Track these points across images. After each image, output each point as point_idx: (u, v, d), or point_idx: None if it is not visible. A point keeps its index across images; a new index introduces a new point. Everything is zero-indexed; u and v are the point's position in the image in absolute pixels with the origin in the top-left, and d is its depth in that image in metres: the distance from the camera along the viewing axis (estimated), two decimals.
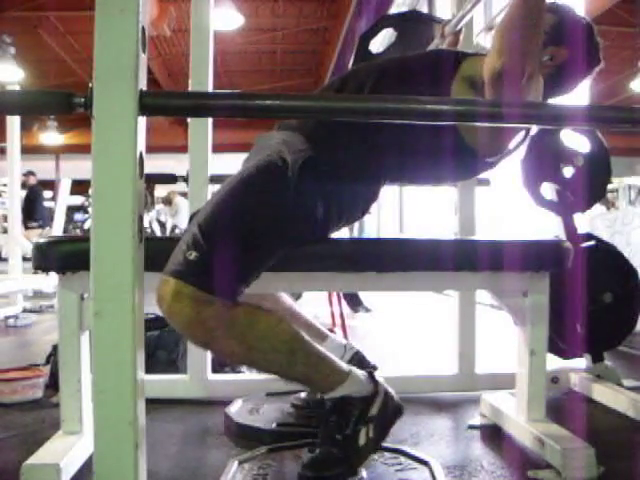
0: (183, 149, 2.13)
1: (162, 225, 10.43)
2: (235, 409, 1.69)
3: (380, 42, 2.01)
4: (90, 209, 0.89)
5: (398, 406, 1.31)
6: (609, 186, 2.23)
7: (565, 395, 1.98)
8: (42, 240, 1.38)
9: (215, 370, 1.99)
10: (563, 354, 1.87)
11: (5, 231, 4.59)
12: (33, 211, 7.69)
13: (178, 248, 1.14)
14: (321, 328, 1.61)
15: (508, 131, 1.34)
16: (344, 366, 1.25)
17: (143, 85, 0.83)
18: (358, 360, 1.56)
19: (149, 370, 0.89)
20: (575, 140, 1.92)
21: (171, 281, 1.10)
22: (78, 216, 11.53)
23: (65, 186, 4.67)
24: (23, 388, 1.89)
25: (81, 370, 1.36)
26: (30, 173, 8.16)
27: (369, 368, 1.41)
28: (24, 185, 6.90)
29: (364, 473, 1.26)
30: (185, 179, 2.11)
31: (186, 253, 1.12)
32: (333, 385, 1.23)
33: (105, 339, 0.81)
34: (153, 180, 3.46)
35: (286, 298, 1.61)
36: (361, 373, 1.27)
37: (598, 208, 4.38)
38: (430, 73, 1.38)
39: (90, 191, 0.83)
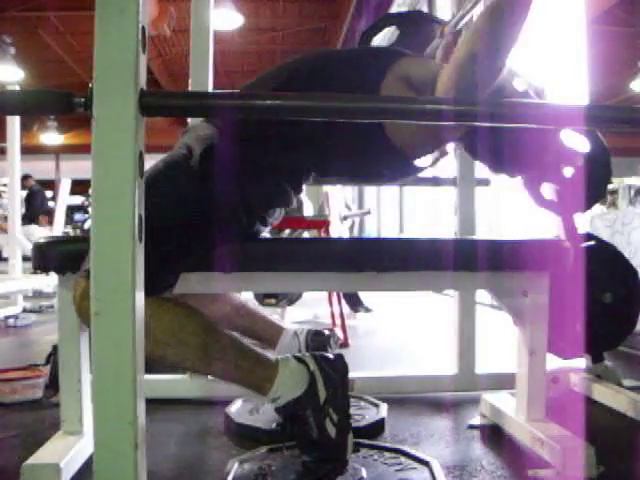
0: None
1: None
2: (235, 409, 1.70)
3: (381, 40, 2.01)
4: (90, 209, 0.89)
5: (339, 364, 1.25)
6: (609, 186, 2.23)
7: (565, 395, 1.98)
8: (42, 240, 1.38)
9: None
10: (563, 354, 1.87)
11: (5, 231, 4.59)
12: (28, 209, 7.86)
13: None
14: (276, 322, 1.61)
15: (430, 132, 1.29)
16: (272, 360, 1.21)
17: (143, 85, 0.83)
18: (313, 339, 1.55)
19: (149, 370, 0.89)
20: (575, 140, 1.92)
21: (80, 281, 1.12)
22: (78, 216, 11.52)
23: (65, 186, 4.67)
24: (23, 388, 1.89)
25: (81, 370, 1.36)
26: (26, 177, 8.19)
27: (328, 343, 1.45)
28: (24, 187, 6.97)
29: (364, 473, 1.26)
30: None
31: None
32: (262, 382, 1.19)
33: (105, 339, 0.81)
34: None
35: (233, 295, 1.60)
36: (291, 360, 1.23)
37: (598, 208, 4.38)
38: (356, 69, 1.32)
39: (90, 191, 0.83)
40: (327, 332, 1.58)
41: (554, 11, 4.68)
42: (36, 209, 8.17)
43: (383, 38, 2.02)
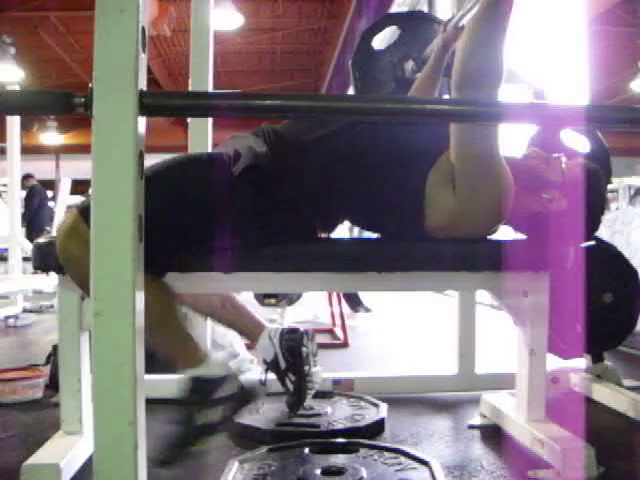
0: (183, 149, 2.13)
1: None
2: None
3: (382, 39, 2.01)
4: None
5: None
6: (609, 186, 2.23)
7: (565, 395, 1.98)
8: (42, 240, 1.38)
9: None
10: (563, 354, 1.87)
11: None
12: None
13: None
14: (259, 320, 1.69)
15: (472, 230, 1.36)
16: (202, 353, 1.33)
17: (143, 85, 0.83)
18: (287, 338, 1.65)
19: (149, 370, 0.89)
20: (575, 140, 1.92)
21: (73, 212, 1.15)
22: None
23: (65, 186, 4.68)
24: (23, 388, 1.89)
25: (81, 370, 1.36)
26: (27, 177, 8.17)
27: (301, 341, 1.62)
28: (24, 187, 6.96)
29: (364, 473, 1.26)
30: None
31: None
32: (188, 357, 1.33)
33: (105, 339, 0.81)
34: None
35: None
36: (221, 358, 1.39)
37: None
38: (405, 162, 1.35)
39: (90, 191, 0.83)
40: (301, 329, 1.65)
41: (554, 11, 4.68)
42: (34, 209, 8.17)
43: (383, 38, 2.02)
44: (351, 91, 2.17)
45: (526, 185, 1.38)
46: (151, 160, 1.17)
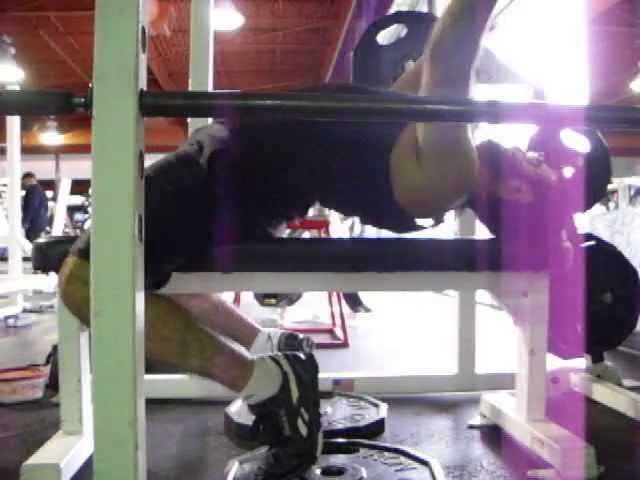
0: None
1: None
2: (235, 409, 1.69)
3: (384, 35, 2.01)
4: (90, 209, 0.89)
5: (310, 364, 1.28)
6: (609, 186, 2.23)
7: (565, 395, 1.98)
8: (42, 240, 1.38)
9: None
10: (563, 354, 1.87)
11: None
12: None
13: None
14: (253, 324, 1.61)
15: (431, 196, 1.29)
16: (248, 359, 1.22)
17: (143, 85, 0.83)
18: (286, 342, 1.57)
19: (149, 370, 0.89)
20: (575, 140, 1.92)
21: (68, 261, 1.12)
22: (78, 216, 11.53)
23: (65, 186, 4.67)
24: (23, 388, 1.89)
25: (81, 370, 1.36)
26: (26, 176, 8.18)
27: (300, 346, 1.47)
28: (23, 186, 6.97)
29: (364, 473, 1.26)
30: None
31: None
32: (237, 380, 1.20)
33: (105, 339, 0.81)
34: None
35: (212, 294, 1.61)
36: (267, 360, 1.25)
37: (598, 208, 4.37)
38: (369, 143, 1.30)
39: (90, 191, 0.83)
40: (301, 336, 1.59)
41: (554, 11, 4.68)
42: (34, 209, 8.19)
43: (384, 35, 2.02)
44: None
45: (499, 168, 1.35)
46: (151, 160, 1.17)
